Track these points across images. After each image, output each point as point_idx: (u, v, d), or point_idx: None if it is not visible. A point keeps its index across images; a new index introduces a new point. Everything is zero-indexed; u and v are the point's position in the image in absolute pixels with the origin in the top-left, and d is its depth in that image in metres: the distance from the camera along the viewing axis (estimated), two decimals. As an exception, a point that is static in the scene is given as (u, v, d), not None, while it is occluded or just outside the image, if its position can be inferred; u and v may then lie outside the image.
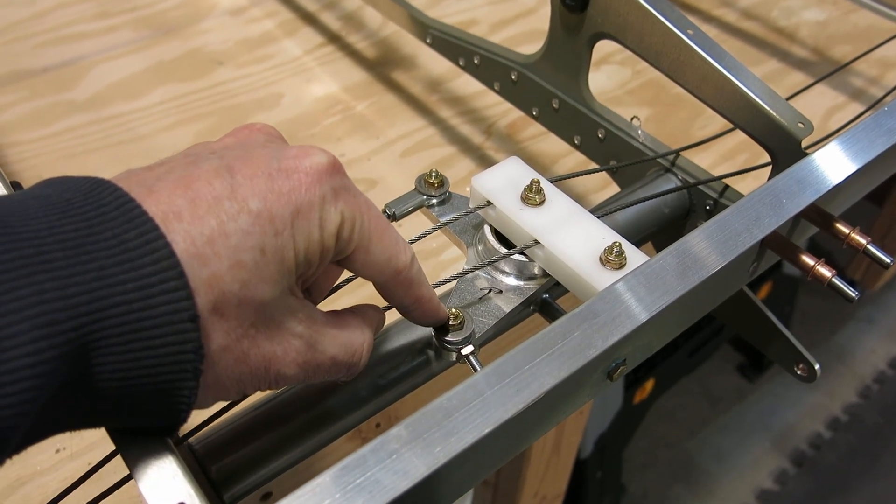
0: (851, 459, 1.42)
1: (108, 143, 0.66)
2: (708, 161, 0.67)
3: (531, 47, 0.50)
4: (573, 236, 0.34)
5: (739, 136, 0.49)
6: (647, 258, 0.33)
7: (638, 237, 0.44)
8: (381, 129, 0.68)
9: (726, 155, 0.68)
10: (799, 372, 0.44)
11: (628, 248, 0.34)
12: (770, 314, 0.44)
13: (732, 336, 1.51)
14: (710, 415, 1.47)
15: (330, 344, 0.29)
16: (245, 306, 0.25)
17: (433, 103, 0.72)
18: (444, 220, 0.39)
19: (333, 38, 0.79)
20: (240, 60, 0.76)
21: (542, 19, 0.83)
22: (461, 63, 0.58)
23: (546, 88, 0.51)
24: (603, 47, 0.82)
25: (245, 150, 0.27)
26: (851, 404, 1.50)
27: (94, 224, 0.23)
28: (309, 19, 0.82)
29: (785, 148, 0.40)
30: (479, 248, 0.37)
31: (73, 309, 0.21)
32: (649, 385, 1.23)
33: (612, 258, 0.33)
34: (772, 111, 0.39)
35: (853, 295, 0.38)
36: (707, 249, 0.32)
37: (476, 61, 0.56)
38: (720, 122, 0.72)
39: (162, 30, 0.79)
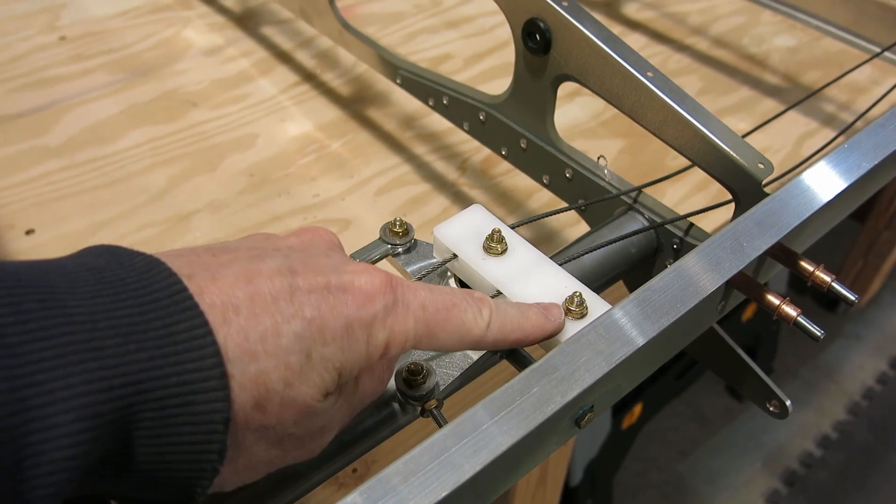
0: (843, 477, 1.42)
1: (82, 189, 0.65)
2: (682, 192, 0.67)
3: (505, 81, 0.50)
4: (535, 286, 0.34)
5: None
6: (608, 307, 0.33)
7: (606, 278, 0.44)
8: (355, 168, 0.69)
9: (700, 185, 0.69)
10: (771, 409, 0.44)
11: (590, 297, 0.34)
12: (740, 351, 0.44)
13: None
14: (701, 436, 1.47)
15: None
16: (287, 407, 0.26)
17: (407, 140, 0.72)
18: (410, 269, 0.39)
19: (308, 77, 0.80)
20: (214, 101, 0.76)
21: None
22: (431, 103, 0.58)
23: (513, 129, 0.51)
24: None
25: (308, 255, 0.28)
26: (841, 422, 1.50)
27: (146, 311, 0.23)
28: (284, 58, 0.82)
29: (746, 188, 0.40)
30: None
31: (118, 400, 0.22)
32: (637, 409, 1.22)
33: (573, 308, 0.33)
34: (732, 152, 0.39)
35: (818, 334, 0.38)
36: (668, 296, 0.33)
37: (445, 102, 0.56)
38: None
39: (137, 72, 0.79)
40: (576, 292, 0.33)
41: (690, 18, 0.93)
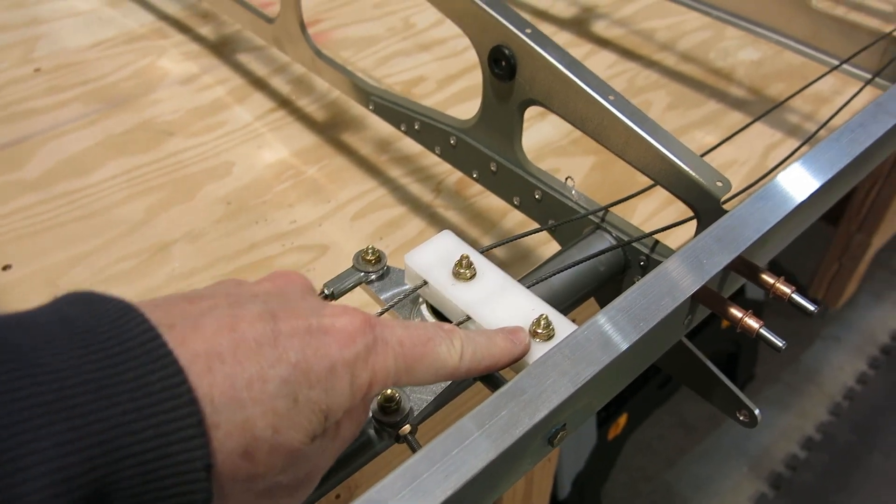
0: (827, 478, 1.43)
1: (59, 222, 0.66)
2: (652, 206, 0.69)
3: (477, 102, 0.52)
4: (503, 310, 0.35)
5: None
6: (575, 327, 0.34)
7: (577, 297, 0.45)
8: (332, 193, 0.70)
9: (669, 199, 0.70)
10: (741, 418, 0.45)
11: (556, 319, 0.35)
12: (709, 363, 0.45)
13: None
14: (687, 444, 1.48)
15: None
16: (275, 453, 0.25)
17: (383, 163, 0.73)
18: (384, 296, 0.40)
19: (284, 103, 0.81)
20: (191, 130, 0.77)
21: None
22: (403, 128, 0.59)
23: (483, 152, 0.52)
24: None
25: (285, 299, 0.28)
26: (824, 423, 1.52)
27: (117, 363, 0.22)
28: (259, 85, 0.83)
29: (706, 206, 0.41)
30: (417, 323, 0.38)
31: (91, 461, 0.21)
32: (622, 420, 1.23)
33: (540, 330, 0.34)
34: (691, 172, 0.41)
35: (780, 345, 0.39)
36: (631, 315, 0.34)
37: (416, 127, 0.58)
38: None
39: (113, 102, 0.80)
40: (542, 315, 0.34)
41: (658, 34, 0.95)
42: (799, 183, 0.41)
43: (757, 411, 0.45)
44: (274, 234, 0.65)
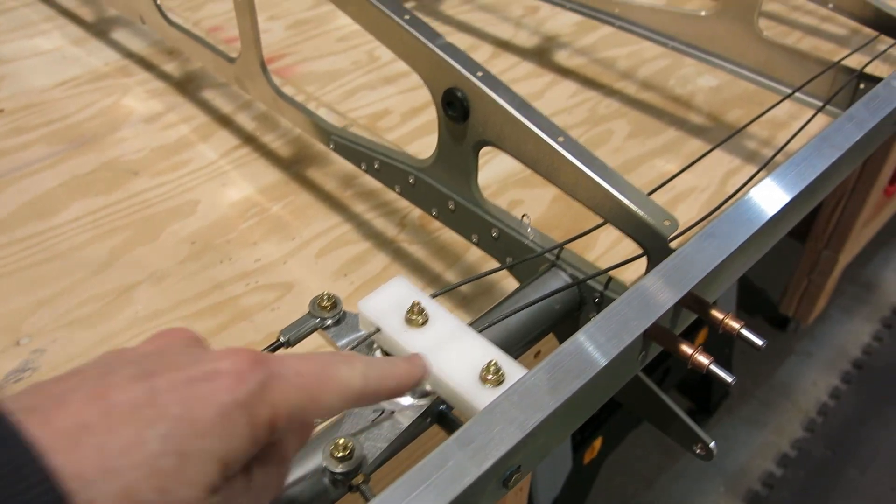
0: (804, 495, 1.44)
1: (22, 266, 0.65)
2: (611, 238, 0.69)
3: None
4: (454, 356, 0.36)
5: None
6: (524, 372, 0.35)
7: (532, 335, 0.45)
8: (296, 230, 0.70)
9: (631, 228, 0.71)
10: (697, 451, 0.46)
11: (506, 364, 0.35)
12: (665, 398, 0.46)
13: (678, 382, 1.54)
14: (665, 463, 1.48)
15: None
16: None
17: (347, 199, 0.73)
18: (340, 343, 0.40)
19: (248, 140, 0.81)
20: (155, 169, 0.77)
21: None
22: (363, 167, 0.60)
23: (441, 191, 0.53)
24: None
25: (163, 356, 0.28)
26: (799, 439, 1.53)
27: None
28: (224, 122, 0.84)
29: (654, 245, 0.42)
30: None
31: None
32: (598, 444, 1.24)
33: (489, 376, 0.34)
34: (639, 212, 0.42)
35: (729, 380, 0.40)
36: (579, 359, 0.34)
37: (376, 166, 0.58)
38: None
39: (77, 142, 0.80)
40: (492, 360, 0.35)
41: (619, 63, 0.96)
42: (745, 219, 0.42)
43: (712, 444, 0.46)
44: (238, 273, 0.65)
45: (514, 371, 0.35)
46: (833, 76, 0.69)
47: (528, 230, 0.48)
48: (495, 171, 0.78)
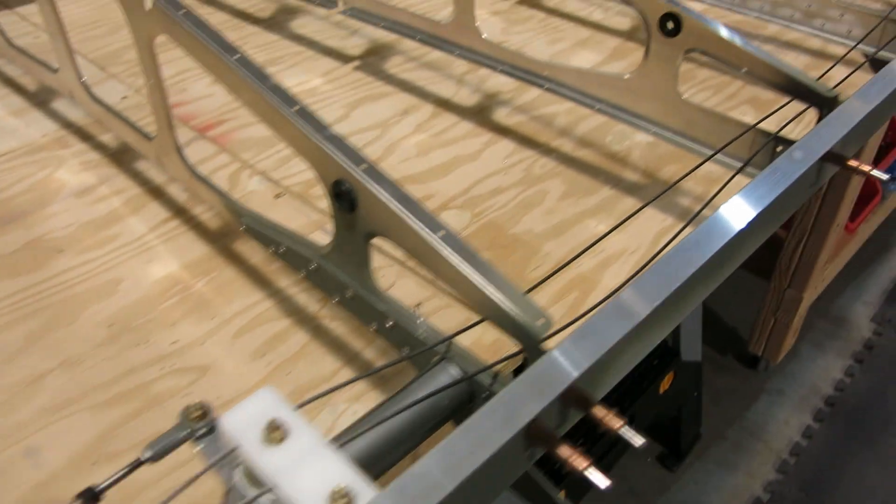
0: (778, 539, 1.43)
1: (-65, 355, 0.64)
2: (543, 301, 0.69)
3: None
4: (306, 478, 0.35)
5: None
6: (375, 494, 0.34)
7: (421, 432, 0.44)
8: (217, 308, 0.69)
9: (558, 295, 0.71)
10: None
11: (357, 487, 0.34)
12: (551, 491, 0.45)
13: (647, 425, 1.53)
14: (637, 509, 1.46)
15: None
16: None
17: (272, 273, 0.73)
18: (211, 461, 0.39)
19: (179, 212, 0.81)
20: (82, 245, 0.76)
21: (387, 170, 0.86)
22: (272, 250, 0.60)
23: (339, 279, 0.53)
24: (447, 189, 0.85)
25: None
26: (772, 481, 1.51)
27: None
28: (156, 193, 0.83)
29: (528, 343, 0.41)
30: (231, 488, 0.37)
31: None
32: (562, 495, 1.22)
33: (338, 501, 0.34)
34: (512, 311, 0.41)
35: (604, 486, 0.39)
36: (426, 483, 0.33)
37: (282, 250, 0.58)
38: (553, 261, 0.75)
39: (6, 219, 0.79)
40: (339, 486, 0.34)
41: (558, 119, 0.97)
42: (620, 316, 0.41)
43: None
44: (154, 357, 0.64)
45: (364, 492, 0.34)
46: (752, 139, 0.69)
47: (418, 321, 0.48)
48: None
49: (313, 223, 0.77)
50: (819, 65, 1.09)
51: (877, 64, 0.83)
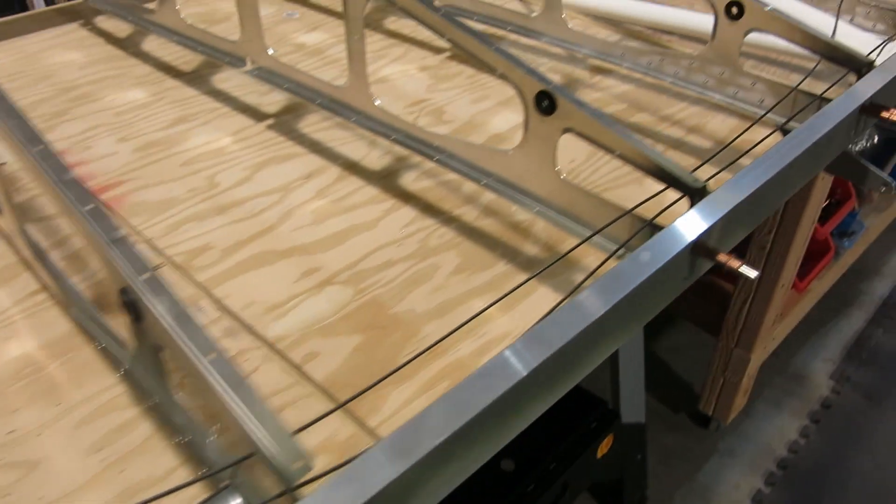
0: None
1: None
2: (407, 394, 0.65)
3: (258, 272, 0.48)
4: None
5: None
6: None
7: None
8: (64, 393, 0.65)
9: (427, 384, 0.67)
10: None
11: None
12: None
13: (585, 489, 1.48)
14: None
15: None
16: None
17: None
18: None
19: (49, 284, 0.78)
20: (-61, 321, 0.73)
21: (278, 238, 0.84)
22: (96, 345, 0.56)
23: (145, 385, 0.49)
24: (334, 262, 0.81)
25: None
26: (719, 549, 1.46)
27: None
28: (30, 263, 0.80)
29: (286, 485, 0.38)
30: None
31: None
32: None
33: None
34: (270, 449, 0.37)
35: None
36: None
37: (101, 346, 0.54)
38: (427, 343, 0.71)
39: None
40: None
41: (465, 186, 0.94)
42: (393, 456, 0.38)
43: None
44: (-16, 449, 0.61)
45: None
46: (630, 223, 0.66)
47: (209, 441, 0.44)
48: (302, 316, 0.74)
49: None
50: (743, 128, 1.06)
51: (787, 133, 0.80)
